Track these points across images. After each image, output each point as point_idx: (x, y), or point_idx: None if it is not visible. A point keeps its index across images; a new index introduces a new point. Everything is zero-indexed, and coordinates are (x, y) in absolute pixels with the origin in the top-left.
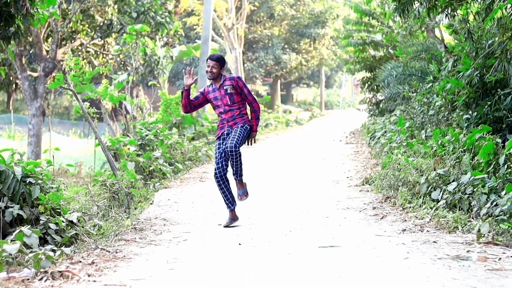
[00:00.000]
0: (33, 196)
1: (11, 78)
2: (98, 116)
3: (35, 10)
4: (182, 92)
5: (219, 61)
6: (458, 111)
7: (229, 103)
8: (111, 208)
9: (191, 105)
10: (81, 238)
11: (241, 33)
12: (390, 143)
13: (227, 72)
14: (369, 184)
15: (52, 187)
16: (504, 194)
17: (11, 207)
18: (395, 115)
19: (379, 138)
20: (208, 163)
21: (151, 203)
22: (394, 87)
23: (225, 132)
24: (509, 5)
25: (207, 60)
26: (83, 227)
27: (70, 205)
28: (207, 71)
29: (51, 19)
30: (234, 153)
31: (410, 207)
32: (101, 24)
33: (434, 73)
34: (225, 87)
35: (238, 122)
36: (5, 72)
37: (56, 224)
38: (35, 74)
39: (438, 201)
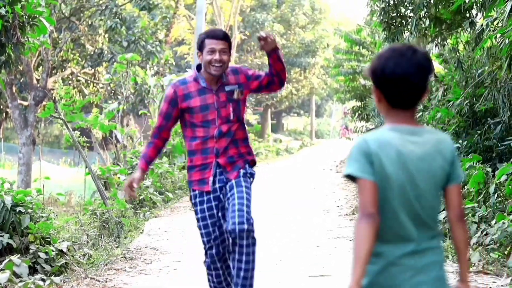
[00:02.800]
0: (23, 225)
1: (1, 106)
2: (88, 145)
3: (26, 39)
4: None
5: (229, 40)
6: None
7: (231, 117)
8: (101, 237)
9: (162, 144)
10: (71, 267)
11: (231, 62)
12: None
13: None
14: None
15: (42, 216)
16: (494, 223)
17: (1, 236)
18: None
19: None
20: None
21: (141, 232)
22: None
23: (210, 179)
24: (498, 35)
25: (202, 41)
26: (73, 256)
27: (60, 234)
28: (209, 62)
29: (41, 48)
30: (248, 237)
31: None
32: (92, 53)
33: (424, 102)
34: (228, 89)
35: (238, 166)
36: None
37: (46, 253)
38: (25, 103)
39: None
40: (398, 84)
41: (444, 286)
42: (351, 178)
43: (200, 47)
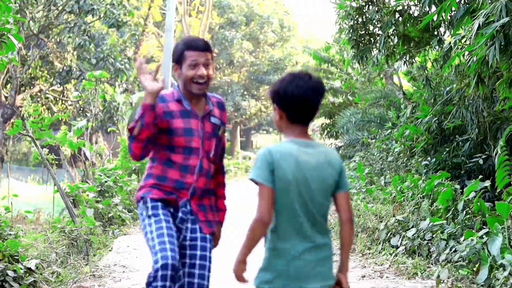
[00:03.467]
0: None
1: None
2: (57, 162)
3: None
4: (140, 117)
5: (211, 51)
6: (417, 157)
7: (211, 154)
8: (70, 255)
9: (151, 139)
10: (39, 285)
11: None
12: (350, 189)
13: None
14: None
15: (10, 234)
16: (463, 240)
17: None
18: (354, 161)
19: None
20: None
21: (110, 250)
22: (353, 133)
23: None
24: (466, 52)
25: (181, 53)
26: (41, 274)
27: (28, 252)
28: (191, 79)
29: (10, 65)
30: None
31: (369, 253)
32: (60, 70)
33: (393, 119)
34: (214, 121)
35: (211, 223)
36: None
37: (14, 271)
38: None
39: (397, 247)
40: (298, 102)
41: (332, 275)
42: (255, 182)
43: (178, 59)
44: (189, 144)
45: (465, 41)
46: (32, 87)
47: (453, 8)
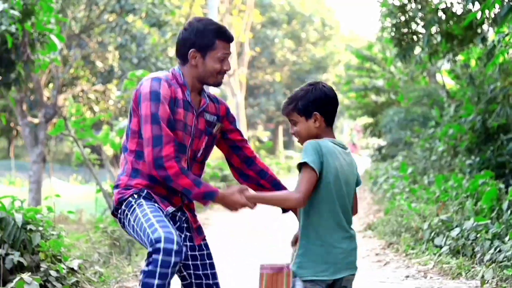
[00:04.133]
0: (33, 243)
1: (11, 124)
2: (99, 162)
3: (36, 56)
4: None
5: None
6: (460, 156)
7: (198, 154)
8: (112, 255)
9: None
10: (82, 285)
11: (243, 79)
12: (393, 188)
13: None
14: (372, 230)
15: (53, 234)
16: (508, 240)
17: (12, 254)
18: (397, 160)
19: (381, 183)
20: (211, 209)
21: None
22: (396, 132)
23: (170, 209)
24: (510, 50)
25: (212, 42)
26: (84, 274)
27: (71, 252)
28: (218, 72)
29: (51, 65)
30: None
31: (413, 253)
32: (102, 70)
33: (436, 118)
34: (209, 117)
35: (201, 229)
36: (5, 118)
37: (57, 271)
38: (35, 121)
39: (441, 247)
40: (336, 104)
41: (356, 265)
42: (299, 167)
43: (205, 46)
44: (183, 141)
45: (509, 39)
46: (73, 87)
47: (497, 6)
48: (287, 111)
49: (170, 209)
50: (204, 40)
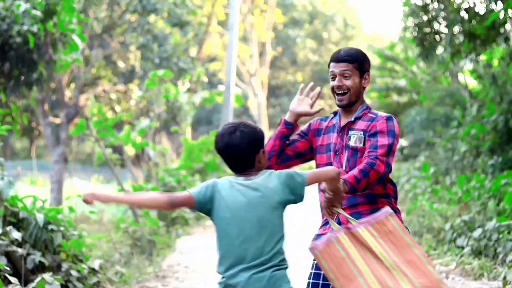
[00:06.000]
0: (55, 243)
1: (33, 124)
2: (120, 162)
3: (58, 56)
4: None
5: (356, 61)
6: (483, 156)
7: (343, 167)
8: (133, 255)
9: (282, 154)
10: (103, 285)
11: (264, 79)
12: (415, 189)
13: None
14: None
15: (74, 234)
16: None
17: (33, 254)
18: (420, 161)
19: (403, 184)
20: None
21: (173, 250)
22: (418, 132)
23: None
24: None
25: (330, 61)
26: (105, 274)
27: (92, 252)
28: (332, 90)
29: (73, 65)
30: None
31: (435, 254)
32: (124, 70)
33: (459, 118)
34: (351, 133)
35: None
36: (27, 118)
37: (78, 271)
38: (57, 121)
39: (463, 248)
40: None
41: None
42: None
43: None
44: (329, 160)
45: None
46: (95, 87)
47: None
48: None
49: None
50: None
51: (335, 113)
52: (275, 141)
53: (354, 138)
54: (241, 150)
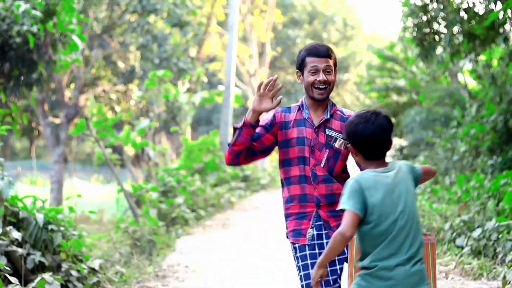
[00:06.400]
0: (55, 243)
1: (33, 124)
2: (120, 162)
3: (58, 56)
4: (238, 128)
5: (333, 57)
6: (482, 156)
7: (322, 164)
8: (133, 255)
9: (250, 150)
10: (103, 285)
11: (264, 79)
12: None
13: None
14: None
15: (74, 234)
16: None
17: (33, 254)
18: (419, 161)
19: None
20: (231, 209)
21: (173, 250)
22: (418, 132)
23: (309, 231)
24: None
25: (302, 60)
26: (105, 274)
27: (92, 252)
28: (312, 84)
29: (73, 66)
30: None
31: None
32: (124, 70)
33: (458, 118)
34: (330, 132)
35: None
36: (27, 118)
37: (78, 271)
38: (57, 121)
39: (462, 247)
40: (368, 142)
41: None
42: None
43: (300, 66)
44: (303, 153)
45: None
46: (95, 87)
47: None
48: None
49: (308, 237)
50: (299, 61)
51: (301, 106)
52: (244, 143)
53: (340, 142)
54: (390, 133)
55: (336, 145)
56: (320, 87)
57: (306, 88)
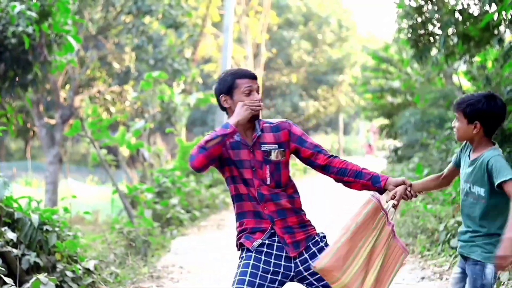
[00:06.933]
0: (50, 244)
1: (28, 125)
2: (115, 163)
3: (53, 57)
4: (225, 134)
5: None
6: None
7: (267, 181)
8: (128, 256)
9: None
10: (98, 286)
11: (259, 80)
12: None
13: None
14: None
15: (69, 235)
16: None
17: (28, 254)
18: (413, 162)
19: None
20: (226, 210)
21: (168, 251)
22: (412, 134)
23: (258, 241)
24: None
25: (232, 83)
26: (100, 275)
27: (87, 253)
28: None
29: (68, 67)
30: None
31: (429, 255)
32: (119, 71)
33: (453, 120)
34: (265, 147)
35: (307, 239)
36: (22, 119)
37: (73, 271)
38: (52, 122)
39: (457, 248)
40: (500, 120)
41: None
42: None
43: (229, 90)
44: (244, 176)
45: None
46: (90, 88)
47: None
48: (456, 108)
49: (256, 243)
50: (227, 84)
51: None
52: (220, 150)
53: (275, 153)
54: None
55: (273, 157)
56: (258, 107)
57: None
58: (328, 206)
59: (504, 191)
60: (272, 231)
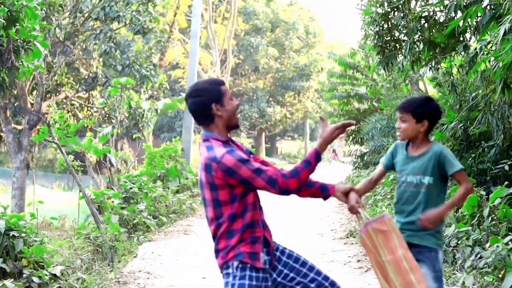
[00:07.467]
0: (16, 250)
1: None
2: (82, 169)
3: (20, 63)
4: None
5: None
6: None
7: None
8: (95, 261)
9: None
10: None
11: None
12: (375, 195)
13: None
14: (354, 237)
15: (36, 240)
16: (489, 247)
17: None
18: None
19: None
20: (193, 216)
21: (135, 256)
22: (378, 139)
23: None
24: (492, 58)
25: (219, 90)
26: (66, 280)
27: (53, 258)
28: (237, 109)
29: (36, 72)
30: None
31: None
32: (86, 77)
33: None
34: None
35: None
36: None
37: (40, 277)
38: (19, 127)
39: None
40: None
41: None
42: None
43: (218, 97)
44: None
45: (491, 47)
46: (58, 94)
47: (479, 14)
48: (403, 110)
49: (262, 260)
50: (215, 93)
51: (227, 142)
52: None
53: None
54: None
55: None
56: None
57: (230, 116)
58: (289, 211)
59: (454, 179)
60: (264, 238)
